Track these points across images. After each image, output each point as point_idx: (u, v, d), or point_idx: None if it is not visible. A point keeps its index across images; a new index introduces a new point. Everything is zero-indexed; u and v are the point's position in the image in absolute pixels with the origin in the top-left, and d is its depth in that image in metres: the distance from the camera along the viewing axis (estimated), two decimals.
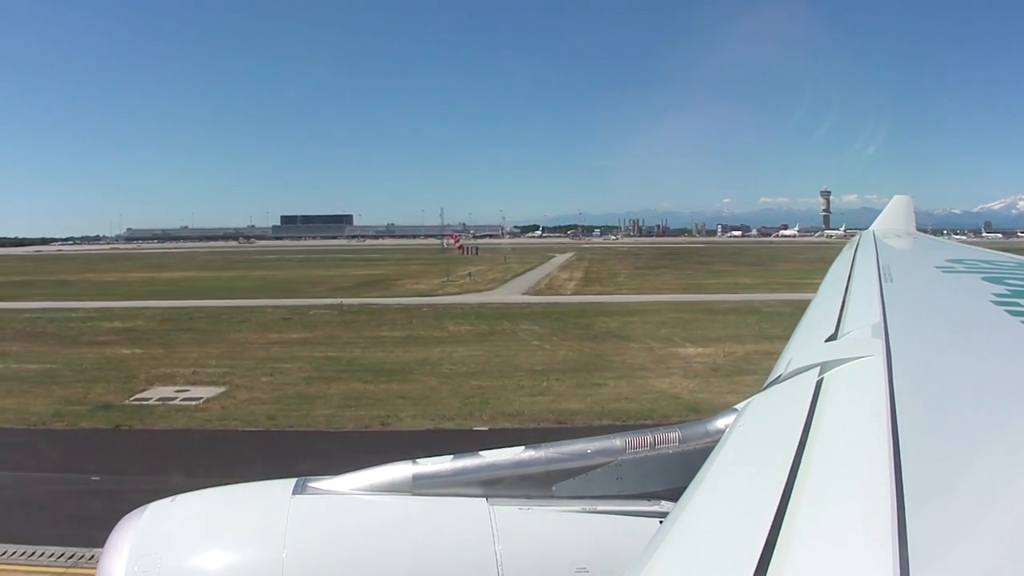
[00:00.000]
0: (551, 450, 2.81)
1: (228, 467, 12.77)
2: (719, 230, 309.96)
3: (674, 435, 2.82)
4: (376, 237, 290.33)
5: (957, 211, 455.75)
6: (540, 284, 70.57)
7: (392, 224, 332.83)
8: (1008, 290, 4.19)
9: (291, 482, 2.70)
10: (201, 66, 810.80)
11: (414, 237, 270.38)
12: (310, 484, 2.68)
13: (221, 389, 26.75)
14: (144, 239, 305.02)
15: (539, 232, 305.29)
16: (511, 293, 62.19)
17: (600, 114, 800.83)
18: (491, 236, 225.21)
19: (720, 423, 2.79)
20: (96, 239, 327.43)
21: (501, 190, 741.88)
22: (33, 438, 21.05)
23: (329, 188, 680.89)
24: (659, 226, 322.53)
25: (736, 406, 2.78)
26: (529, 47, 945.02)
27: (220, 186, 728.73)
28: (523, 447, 2.85)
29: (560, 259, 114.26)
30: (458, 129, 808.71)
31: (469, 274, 75.42)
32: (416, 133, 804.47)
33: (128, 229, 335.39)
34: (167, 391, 26.58)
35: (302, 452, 18.73)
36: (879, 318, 3.16)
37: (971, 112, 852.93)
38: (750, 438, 2.24)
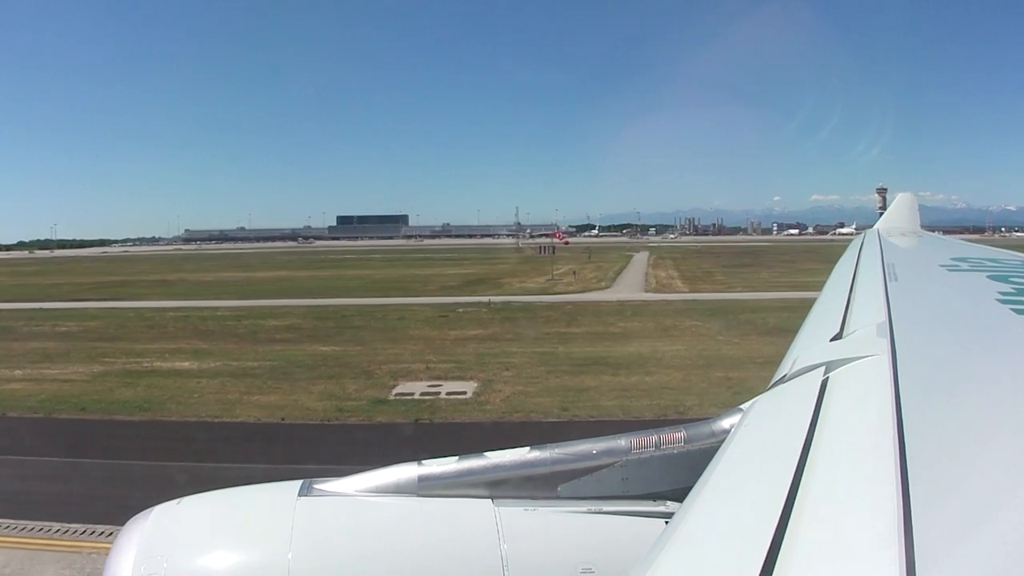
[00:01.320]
0: (556, 451, 2.65)
1: None
2: (775, 228, 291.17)
3: (679, 435, 2.64)
4: (432, 237, 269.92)
5: (1012, 207, 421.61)
6: (649, 282, 64.12)
7: (447, 224, 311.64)
8: (1013, 288, 3.96)
9: (297, 484, 2.58)
10: (256, 69, 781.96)
11: (469, 237, 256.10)
12: (315, 486, 2.57)
13: (474, 383, 24.62)
14: (202, 240, 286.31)
15: (595, 231, 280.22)
16: (631, 291, 56.46)
17: (649, 113, 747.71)
18: (546, 235, 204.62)
19: (725, 423, 2.60)
20: (154, 241, 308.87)
21: (551, 189, 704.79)
22: (355, 433, 19.51)
23: (384, 189, 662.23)
24: (715, 225, 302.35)
25: (741, 406, 2.57)
26: (578, 45, 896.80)
27: (275, 187, 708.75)
28: (528, 448, 2.68)
29: (640, 258, 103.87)
30: (509, 128, 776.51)
31: (574, 272, 69.05)
32: (467, 133, 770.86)
33: (186, 230, 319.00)
34: (419, 386, 24.53)
35: None
36: (884, 317, 2.95)
37: None
38: (755, 438, 2.08)
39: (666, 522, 1.91)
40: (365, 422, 21.04)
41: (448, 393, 23.84)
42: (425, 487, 2.56)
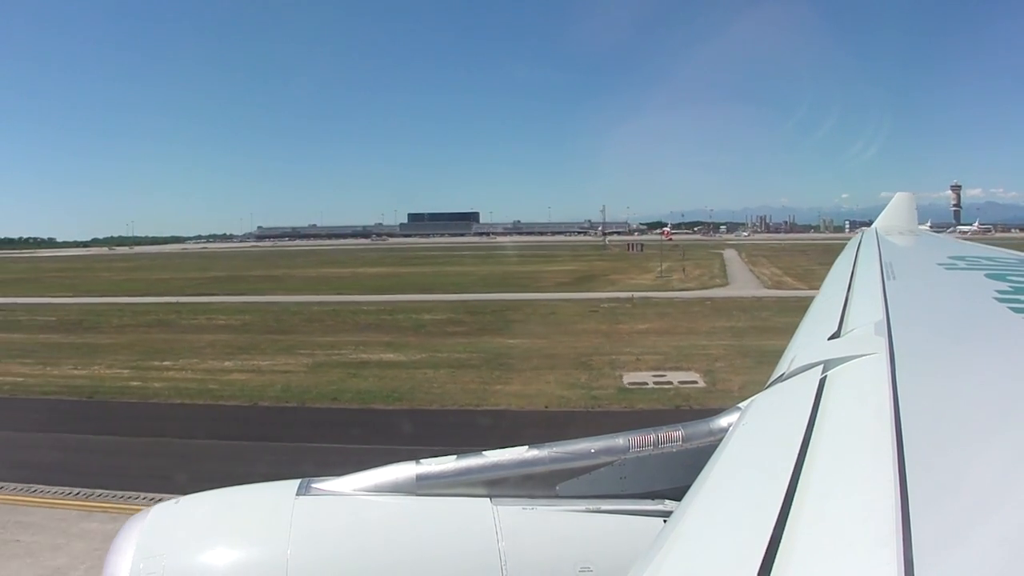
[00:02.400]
0: (554, 450, 2.56)
1: None
2: (847, 226, 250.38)
3: (677, 434, 2.53)
4: (503, 234, 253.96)
5: None
6: (762, 279, 61.07)
7: (518, 221, 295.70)
8: (1010, 287, 3.80)
9: (295, 483, 2.54)
10: (328, 69, 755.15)
11: (540, 234, 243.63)
12: (314, 485, 2.52)
13: (696, 373, 23.82)
14: (275, 237, 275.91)
15: (667, 228, 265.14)
16: (752, 288, 53.96)
17: (714, 109, 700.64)
18: (618, 233, 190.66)
19: (723, 421, 2.48)
20: (226, 237, 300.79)
21: (617, 186, 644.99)
22: (632, 420, 16.97)
23: (453, 186, 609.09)
24: (786, 222, 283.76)
25: (739, 404, 2.45)
26: (650, 42, 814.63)
27: (345, 185, 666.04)
28: (526, 447, 2.59)
29: (730, 255, 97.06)
30: (577, 125, 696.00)
31: (683, 268, 66.52)
32: (538, 130, 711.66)
33: (259, 227, 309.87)
34: (644, 376, 23.69)
35: None
36: (882, 316, 2.83)
37: None
38: (753, 437, 2.00)
39: (664, 521, 1.83)
40: (628, 409, 19.98)
41: (680, 382, 22.60)
42: (423, 486, 2.50)
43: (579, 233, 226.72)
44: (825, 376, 2.13)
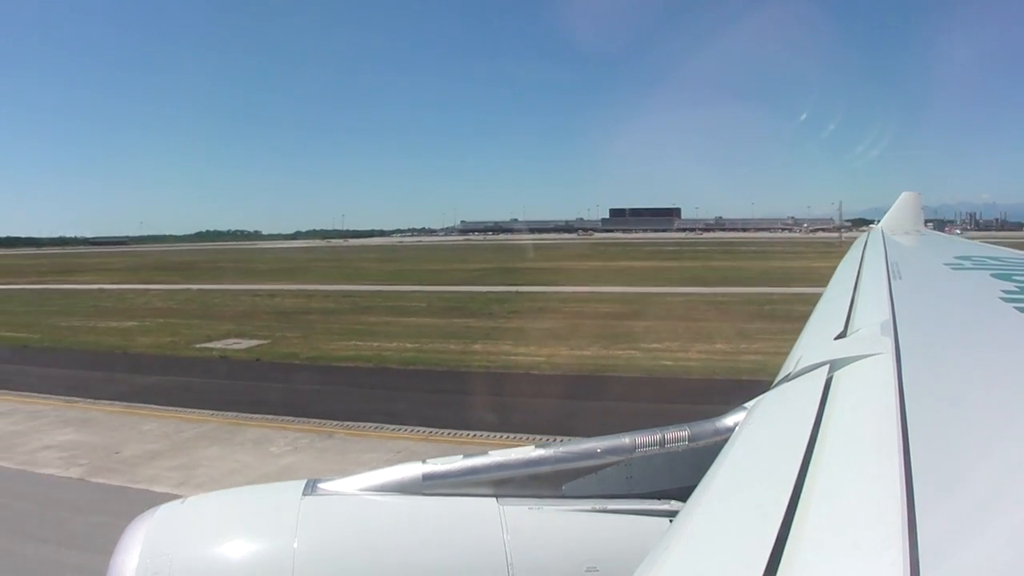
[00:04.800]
0: (561, 449, 2.57)
1: None
2: None
3: (683, 433, 2.54)
4: (706, 230, 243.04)
5: None
6: None
7: (720, 217, 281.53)
8: (1016, 287, 3.81)
9: (301, 483, 2.54)
10: (530, 71, 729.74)
11: (743, 230, 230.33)
12: (319, 485, 2.52)
13: None
14: (477, 231, 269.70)
15: (875, 224, 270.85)
16: None
17: (916, 100, 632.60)
18: (823, 230, 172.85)
19: (729, 421, 2.48)
20: (427, 231, 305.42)
21: (819, 179, 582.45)
22: None
23: (654, 181, 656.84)
24: (997, 219, 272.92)
25: (746, 404, 2.45)
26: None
27: (547, 179, 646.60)
28: (533, 446, 2.61)
29: None
30: (777, 120, 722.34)
31: None
32: (741, 125, 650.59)
33: (461, 221, 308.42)
34: None
35: None
36: (888, 315, 2.84)
37: None
38: (759, 436, 2.00)
39: (671, 520, 1.84)
40: None
41: None
42: (429, 486, 2.50)
43: (782, 230, 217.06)
44: (831, 376, 2.13)
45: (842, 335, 2.79)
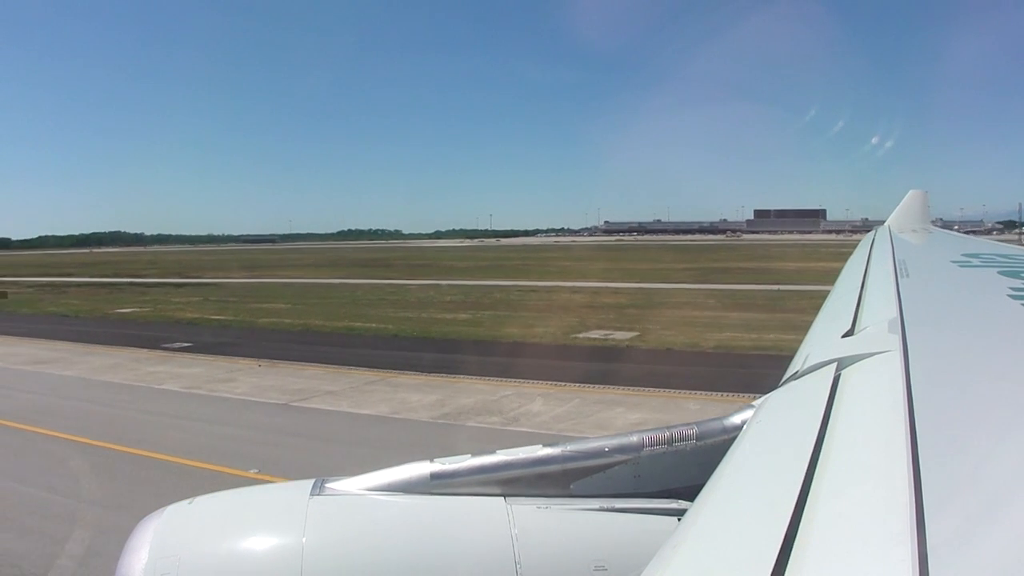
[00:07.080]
0: (568, 448, 2.55)
1: None
2: None
3: (691, 432, 2.52)
4: (852, 231, 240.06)
5: None
6: None
7: (866, 219, 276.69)
8: None
9: (309, 483, 2.52)
10: (695, 74, 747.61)
11: None
12: (327, 484, 2.51)
13: None
14: (621, 231, 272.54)
15: None
16: None
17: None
18: (972, 231, 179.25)
19: (737, 419, 2.47)
20: (564, 231, 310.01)
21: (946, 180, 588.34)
22: None
23: (799, 183, 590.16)
24: None
25: (753, 402, 2.44)
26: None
27: (691, 180, 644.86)
28: (540, 445, 2.59)
29: None
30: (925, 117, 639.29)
31: None
32: (883, 125, 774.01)
33: (605, 222, 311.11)
34: None
35: None
36: (896, 313, 2.82)
37: None
38: (767, 435, 1.99)
39: (679, 519, 1.81)
40: None
41: None
42: (437, 485, 2.50)
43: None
44: (839, 374, 2.13)
45: (850, 333, 2.78)
